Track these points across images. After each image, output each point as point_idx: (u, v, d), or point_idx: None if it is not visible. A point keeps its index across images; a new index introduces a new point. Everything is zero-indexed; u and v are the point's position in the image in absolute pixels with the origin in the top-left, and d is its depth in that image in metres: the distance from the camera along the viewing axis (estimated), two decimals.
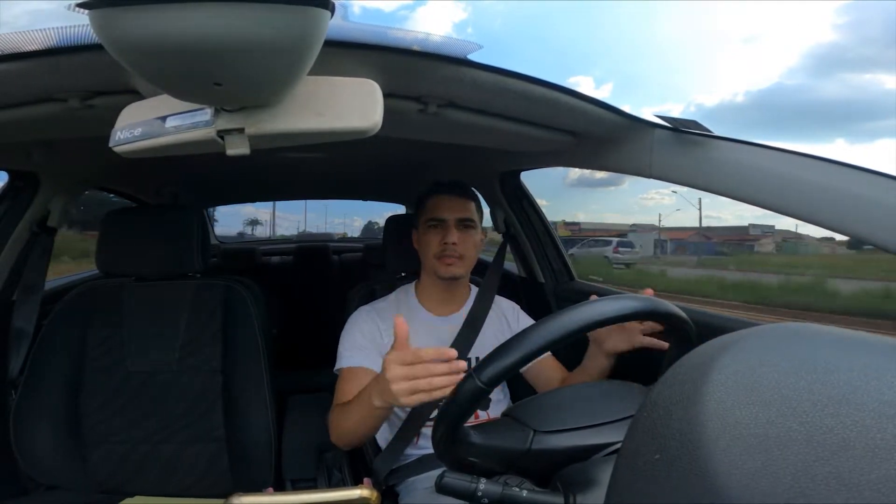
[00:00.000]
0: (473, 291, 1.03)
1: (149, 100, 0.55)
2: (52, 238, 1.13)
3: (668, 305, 0.53)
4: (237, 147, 0.51)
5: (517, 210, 1.43)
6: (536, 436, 0.49)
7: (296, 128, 0.50)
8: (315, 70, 0.45)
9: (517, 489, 0.44)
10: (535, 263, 1.46)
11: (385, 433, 0.94)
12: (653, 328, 0.77)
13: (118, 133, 0.53)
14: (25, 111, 0.65)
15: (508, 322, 1.03)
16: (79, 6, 0.32)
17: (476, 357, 0.94)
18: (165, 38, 0.34)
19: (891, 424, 0.19)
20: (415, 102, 0.69)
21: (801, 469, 0.19)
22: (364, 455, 0.97)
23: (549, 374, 0.96)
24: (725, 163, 0.67)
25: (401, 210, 2.61)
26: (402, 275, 1.11)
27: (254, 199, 2.82)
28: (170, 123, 0.51)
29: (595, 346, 0.84)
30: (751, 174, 0.65)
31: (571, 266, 1.45)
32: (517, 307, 1.07)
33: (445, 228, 0.93)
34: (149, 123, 0.52)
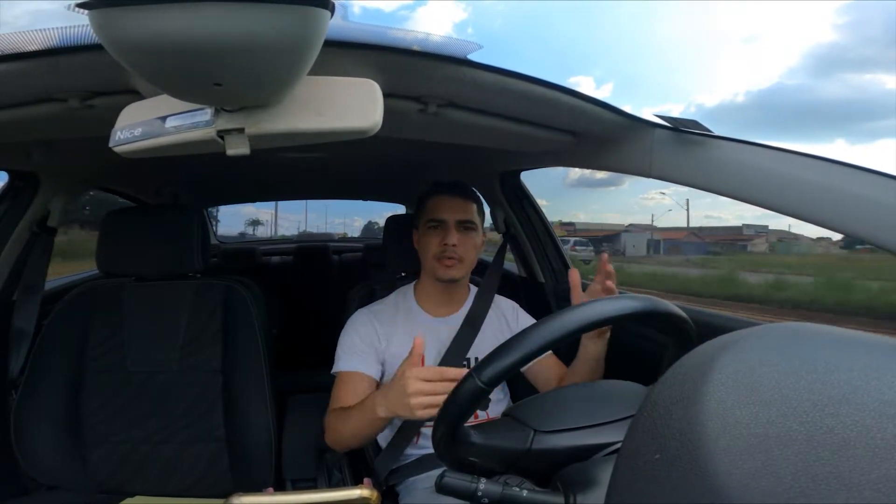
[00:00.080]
0: (473, 291, 1.03)
1: (149, 100, 0.55)
2: (53, 238, 1.13)
3: (669, 305, 0.53)
4: (237, 147, 0.51)
5: (517, 210, 1.43)
6: (537, 435, 0.49)
7: (296, 128, 0.50)
8: (315, 70, 0.45)
9: (517, 489, 0.44)
10: (535, 263, 1.46)
11: (385, 433, 0.93)
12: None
13: (118, 133, 0.53)
14: (25, 111, 0.65)
15: (508, 322, 1.02)
16: (79, 6, 0.32)
17: (476, 357, 0.94)
18: (165, 38, 0.34)
19: (891, 424, 0.19)
20: (415, 102, 0.69)
21: (802, 469, 0.19)
22: (364, 455, 0.97)
23: (549, 373, 0.96)
24: (726, 162, 0.67)
25: (401, 210, 2.61)
26: (403, 275, 1.11)
27: (254, 199, 2.82)
28: (170, 123, 0.51)
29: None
30: (751, 174, 0.65)
31: (571, 266, 1.45)
32: (516, 306, 1.07)
33: (445, 230, 0.93)
34: (149, 123, 0.52)
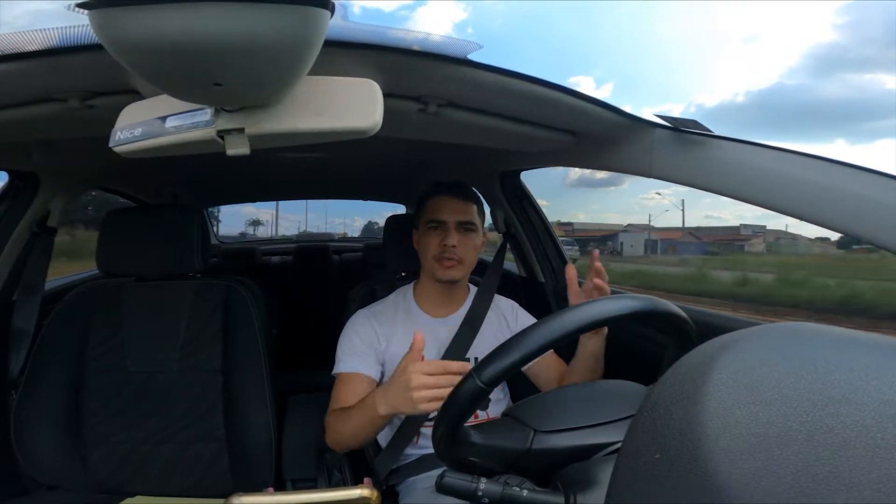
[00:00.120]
0: (472, 291, 1.03)
1: (149, 100, 0.55)
2: (53, 238, 1.13)
3: (669, 305, 0.53)
4: (237, 147, 0.51)
5: (517, 210, 1.43)
6: (537, 435, 0.49)
7: (296, 128, 0.50)
8: (315, 70, 0.45)
9: (517, 489, 0.44)
10: (536, 263, 1.46)
11: (385, 433, 0.93)
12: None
13: (118, 133, 0.53)
14: (25, 111, 0.65)
15: (507, 321, 1.02)
16: (78, 6, 0.32)
17: (475, 357, 0.94)
18: (165, 38, 0.34)
19: (891, 424, 0.19)
20: (415, 102, 0.69)
21: (802, 468, 0.19)
22: (364, 455, 0.97)
23: (550, 371, 0.96)
24: (726, 162, 0.67)
25: (401, 210, 2.61)
26: (403, 274, 1.11)
27: (254, 199, 2.82)
28: (170, 123, 0.51)
29: None
30: (751, 174, 0.64)
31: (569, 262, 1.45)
32: (516, 305, 1.07)
33: (445, 231, 0.92)
34: (149, 123, 0.52)
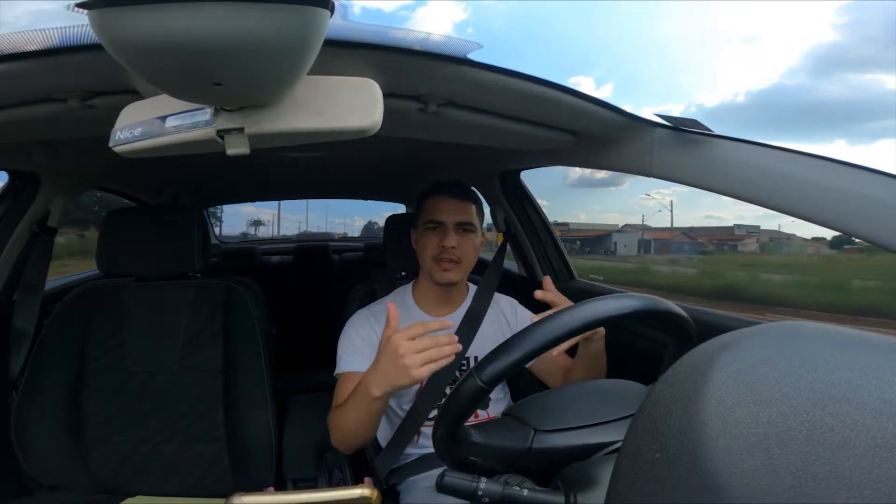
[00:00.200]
0: (472, 290, 1.03)
1: (149, 100, 0.55)
2: (53, 238, 1.14)
3: (669, 304, 0.53)
4: (237, 147, 0.51)
5: (517, 209, 1.43)
6: (537, 435, 0.49)
7: (296, 127, 0.50)
8: (315, 70, 0.45)
9: (518, 488, 0.44)
10: (536, 262, 1.46)
11: (386, 432, 0.93)
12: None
13: (118, 133, 0.53)
14: (25, 111, 0.65)
15: (507, 319, 1.02)
16: (78, 6, 0.32)
17: (475, 356, 0.94)
18: (165, 38, 0.34)
19: (891, 423, 0.19)
20: (415, 102, 0.69)
21: (802, 468, 0.19)
22: (365, 454, 0.97)
23: (555, 366, 0.95)
24: (726, 161, 0.67)
25: (401, 209, 2.61)
26: (403, 274, 1.11)
27: (254, 199, 2.82)
28: (170, 123, 0.51)
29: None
30: (751, 173, 0.64)
31: (572, 265, 1.45)
32: (515, 302, 1.06)
33: (444, 231, 0.92)
34: (149, 123, 0.52)
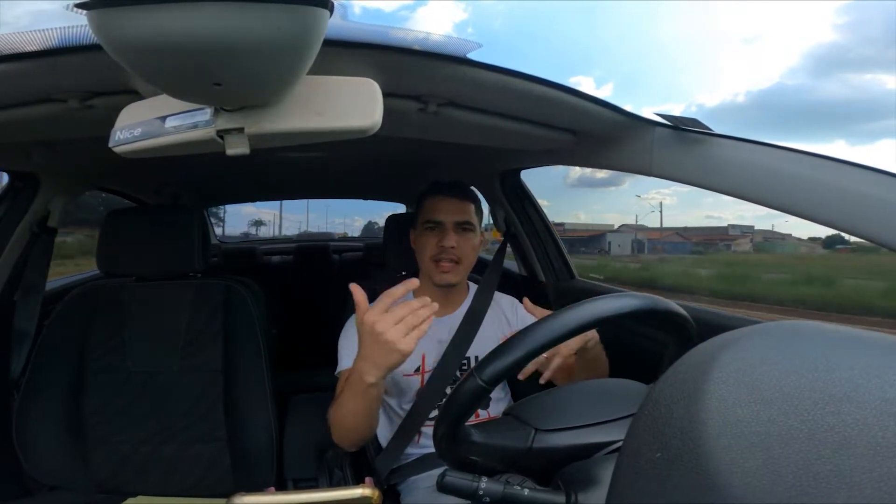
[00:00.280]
0: (472, 290, 1.03)
1: (148, 100, 0.55)
2: (53, 238, 1.14)
3: (669, 304, 0.53)
4: (237, 147, 0.51)
5: (517, 209, 1.43)
6: (538, 434, 0.49)
7: (296, 127, 0.50)
8: (315, 70, 0.45)
9: (518, 488, 0.44)
10: (536, 262, 1.46)
11: (386, 432, 0.93)
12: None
13: (118, 133, 0.53)
14: (25, 111, 0.65)
15: (508, 319, 1.02)
16: (77, 6, 0.32)
17: (476, 356, 0.94)
18: (164, 38, 0.34)
19: (892, 422, 0.19)
20: (415, 101, 0.69)
21: (803, 467, 0.19)
22: (365, 454, 0.97)
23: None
24: (726, 161, 0.67)
25: (401, 209, 2.61)
26: (403, 274, 1.11)
27: (254, 199, 2.82)
28: (169, 123, 0.51)
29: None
30: (751, 172, 0.64)
31: (572, 265, 1.45)
32: (516, 302, 1.06)
33: (443, 232, 0.92)
34: (148, 123, 0.52)
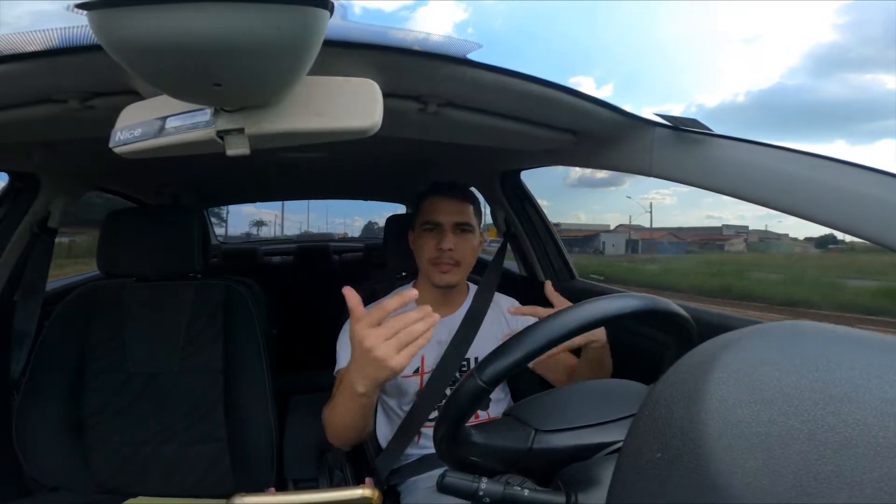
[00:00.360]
0: (472, 290, 1.03)
1: (148, 100, 0.55)
2: (53, 239, 1.14)
3: (670, 304, 0.53)
4: (237, 147, 0.51)
5: (517, 209, 1.43)
6: (538, 435, 0.49)
7: (296, 128, 0.50)
8: (315, 70, 0.45)
9: (519, 488, 0.44)
10: (536, 262, 1.46)
11: (386, 432, 0.93)
12: None
13: (118, 134, 0.53)
14: (25, 112, 0.65)
15: (507, 320, 1.02)
16: (77, 7, 0.32)
17: (475, 356, 0.94)
18: (165, 39, 0.34)
19: (893, 423, 0.19)
20: (415, 102, 0.69)
21: (803, 467, 0.19)
22: (366, 455, 0.97)
23: (559, 365, 0.94)
24: (726, 161, 0.67)
25: (401, 210, 2.61)
26: (403, 274, 1.11)
27: (254, 200, 2.83)
28: (170, 124, 0.51)
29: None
30: (751, 172, 0.64)
31: (572, 265, 1.45)
32: (515, 302, 1.06)
33: (442, 233, 0.92)
34: (149, 124, 0.52)
